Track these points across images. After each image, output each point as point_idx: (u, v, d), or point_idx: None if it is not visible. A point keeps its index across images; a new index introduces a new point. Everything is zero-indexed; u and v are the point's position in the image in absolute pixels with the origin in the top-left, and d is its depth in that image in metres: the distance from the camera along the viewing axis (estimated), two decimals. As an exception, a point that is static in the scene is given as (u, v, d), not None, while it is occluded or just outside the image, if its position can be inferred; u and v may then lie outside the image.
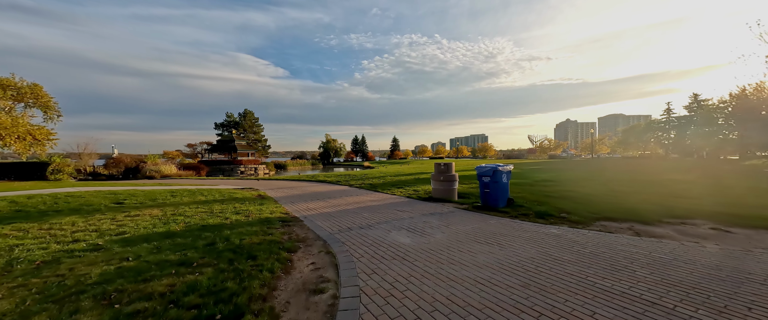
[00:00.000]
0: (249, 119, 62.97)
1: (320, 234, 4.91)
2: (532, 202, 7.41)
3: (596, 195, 8.32)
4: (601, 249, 3.85)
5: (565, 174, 15.90)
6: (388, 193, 9.88)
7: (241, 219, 5.90)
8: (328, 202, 8.31)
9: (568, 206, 6.83)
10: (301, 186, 13.39)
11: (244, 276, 3.05)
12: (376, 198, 8.95)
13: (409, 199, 8.53)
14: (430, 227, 5.21)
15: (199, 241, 4.32)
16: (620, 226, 5.07)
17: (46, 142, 17.19)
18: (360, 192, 10.56)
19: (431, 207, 7.19)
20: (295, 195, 10.00)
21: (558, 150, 70.25)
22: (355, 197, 9.20)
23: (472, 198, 8.51)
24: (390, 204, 7.66)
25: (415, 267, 3.37)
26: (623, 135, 56.95)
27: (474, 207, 7.08)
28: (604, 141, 66.73)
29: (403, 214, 6.40)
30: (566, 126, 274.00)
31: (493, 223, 5.42)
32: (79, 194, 9.24)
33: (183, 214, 6.41)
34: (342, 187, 12.27)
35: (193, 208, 7.22)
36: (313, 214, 6.62)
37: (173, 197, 9.19)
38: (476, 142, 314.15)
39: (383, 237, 4.65)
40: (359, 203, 8.03)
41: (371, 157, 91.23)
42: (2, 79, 15.20)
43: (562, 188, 10.06)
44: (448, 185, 8.35)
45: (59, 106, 17.53)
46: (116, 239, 4.51)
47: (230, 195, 9.69)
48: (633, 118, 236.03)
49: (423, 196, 8.85)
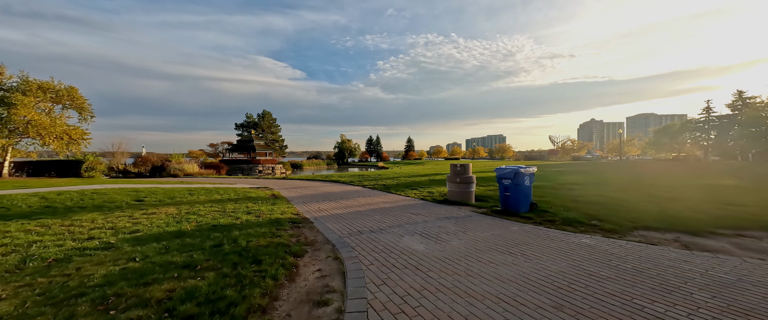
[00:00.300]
0: (267, 120, 64.67)
1: (329, 237, 4.70)
2: (557, 207, 6.86)
3: (630, 201, 7.60)
4: (646, 265, 3.36)
5: (592, 177, 14.89)
6: (402, 195, 9.58)
7: (251, 220, 5.82)
8: (339, 203, 8.14)
9: (599, 212, 6.23)
10: (315, 186, 13.37)
11: (246, 282, 2.87)
12: (389, 199, 8.67)
13: (424, 202, 8.19)
14: (446, 233, 4.87)
15: (207, 242, 4.23)
16: (664, 237, 4.49)
17: (81, 141, 18.33)
18: (373, 193, 10.33)
19: (447, 210, 6.82)
20: (308, 196, 9.92)
21: (582, 151, 66.89)
22: (367, 198, 8.97)
23: (490, 201, 8.03)
24: (403, 207, 7.36)
25: (429, 279, 3.06)
26: (655, 135, 53.28)
27: (493, 211, 6.64)
28: (633, 142, 62.75)
29: (417, 218, 6.08)
30: (590, 126, 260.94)
31: (515, 230, 4.99)
32: (104, 191, 9.64)
33: (196, 213, 6.44)
34: (355, 188, 12.10)
35: (207, 207, 7.26)
36: (324, 216, 6.45)
37: (191, 195, 9.37)
38: (493, 142, 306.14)
39: (395, 242, 4.37)
40: (371, 205, 7.79)
41: (386, 158, 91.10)
42: (43, 83, 16.34)
43: (590, 192, 9.33)
44: (464, 187, 7.94)
45: (93, 108, 18.66)
46: (128, 237, 4.52)
47: (245, 195, 9.76)
48: (665, 117, 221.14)
49: (438, 199, 8.47)
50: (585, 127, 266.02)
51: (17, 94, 14.88)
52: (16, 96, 14.67)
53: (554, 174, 17.52)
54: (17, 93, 14.94)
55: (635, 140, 63.31)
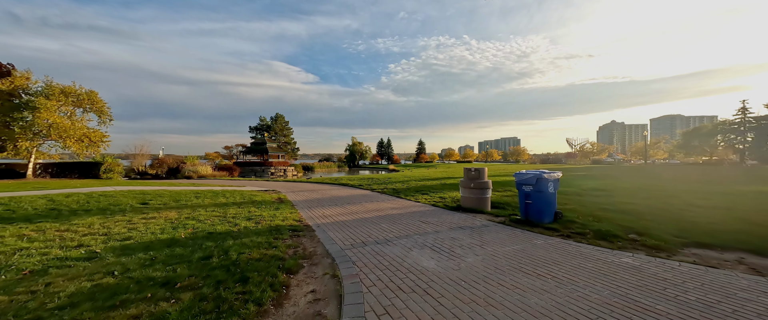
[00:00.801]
0: (280, 122, 65.64)
1: (330, 249, 4.26)
2: (585, 217, 6.14)
3: (668, 210, 6.75)
4: (713, 297, 2.71)
5: (619, 183, 13.81)
6: (412, 200, 9.06)
7: (250, 227, 5.47)
8: (346, 209, 7.71)
9: (636, 224, 5.49)
10: (323, 189, 13.04)
11: (224, 308, 2.46)
12: (398, 205, 8.17)
13: (435, 208, 7.64)
14: (461, 246, 4.32)
15: (196, 253, 3.88)
16: (724, 257, 3.77)
17: (100, 144, 18.90)
18: (381, 197, 9.86)
19: (460, 218, 6.25)
20: (314, 200, 9.57)
21: (603, 154, 63.87)
22: (375, 203, 8.51)
23: (508, 209, 7.39)
24: (413, 214, 6.84)
25: (441, 308, 2.55)
26: (684, 138, 50.17)
27: (512, 220, 6.01)
28: (659, 144, 59.32)
29: (428, 227, 5.55)
30: (611, 128, 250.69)
31: (540, 244, 4.38)
32: (113, 193, 9.65)
33: (196, 218, 6.17)
34: (363, 192, 11.67)
35: (209, 211, 7.01)
36: (328, 223, 6.03)
37: (196, 198, 9.22)
38: (507, 145, 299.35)
39: (402, 257, 3.87)
40: (379, 211, 7.32)
41: (396, 160, 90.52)
42: (65, 87, 16.96)
43: (619, 200, 8.48)
44: (479, 193, 7.33)
45: (113, 111, 19.23)
46: (117, 246, 4.24)
47: (250, 198, 9.52)
48: (693, 119, 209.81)
49: (450, 205, 7.90)
50: (605, 129, 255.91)
51: (40, 98, 15.47)
52: (40, 100, 15.25)
53: (576, 178, 16.46)
54: (41, 97, 15.54)
55: (661, 143, 59.77)
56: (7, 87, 15.62)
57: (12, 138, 14.77)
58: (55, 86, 16.44)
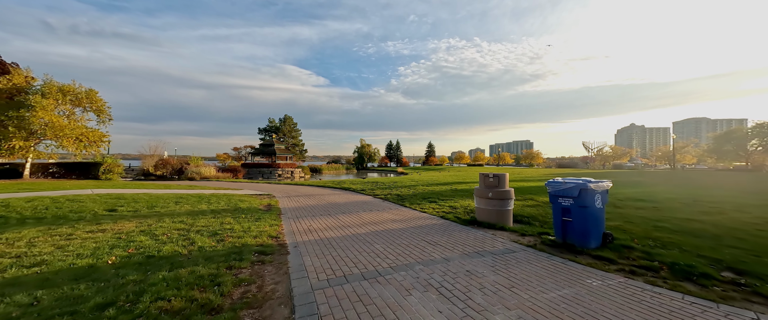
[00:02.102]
0: (288, 124, 65.48)
1: (295, 289, 3.03)
2: (642, 239, 4.71)
3: (747, 231, 5.18)
4: None
5: (657, 191, 12.04)
6: (417, 210, 7.76)
7: (208, 247, 4.32)
8: (338, 220, 6.50)
9: (718, 252, 4.01)
10: (322, 194, 11.92)
11: None
12: (400, 216, 6.90)
13: (444, 221, 6.32)
14: (480, 287, 3.02)
15: (99, 296, 2.74)
16: None
17: (100, 144, 18.48)
18: (383, 205, 8.61)
19: (477, 238, 4.92)
20: (307, 207, 8.42)
21: (624, 158, 60.46)
22: (375, 213, 7.27)
23: (534, 225, 6.00)
24: (418, 229, 5.56)
25: None
26: (715, 142, 46.64)
27: (546, 243, 4.63)
28: (687, 149, 55.48)
29: (435, 251, 4.26)
30: (630, 131, 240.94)
31: (598, 288, 3.02)
32: (83, 198, 8.74)
33: (151, 233, 5.08)
34: (364, 198, 10.45)
35: (175, 222, 5.94)
36: (311, 240, 4.83)
37: (175, 205, 8.23)
38: (520, 148, 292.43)
39: (395, 307, 2.61)
40: (377, 224, 6.06)
41: (405, 163, 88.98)
42: (63, 86, 16.59)
43: (672, 214, 6.90)
44: (499, 205, 5.97)
45: (115, 111, 18.84)
46: (16, 275, 3.17)
47: (235, 205, 8.46)
48: (721, 122, 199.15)
49: (463, 217, 6.56)
50: (624, 133, 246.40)
51: (37, 96, 15.09)
52: (36, 98, 14.85)
53: (603, 185, 14.68)
54: (37, 95, 15.16)
55: (689, 147, 55.87)
56: (5, 85, 15.35)
57: (6, 137, 14.39)
58: (52, 84, 16.08)
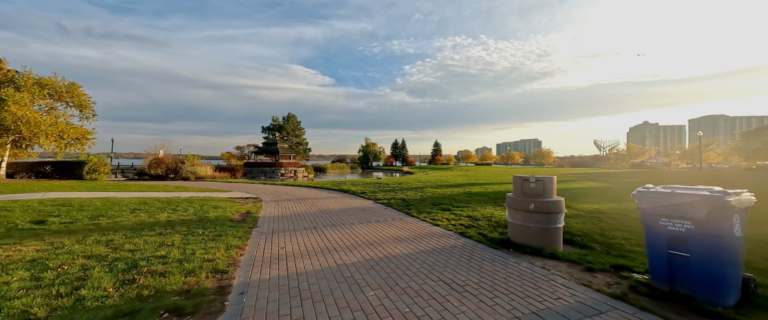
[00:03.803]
0: (292, 123, 64.30)
1: None
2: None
3: None
4: None
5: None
6: (428, 221, 6.07)
7: (89, 301, 2.73)
8: (324, 237, 4.86)
9: None
10: (316, 197, 10.34)
11: None
12: (406, 231, 5.22)
13: (466, 241, 4.61)
14: None
15: None
16: None
17: (84, 141, 17.28)
18: (385, 214, 6.95)
19: (522, 275, 3.21)
20: (293, 216, 6.84)
21: (642, 157, 57.40)
22: (373, 226, 5.60)
23: (595, 248, 4.26)
24: (431, 255, 3.88)
25: None
26: (743, 139, 43.54)
27: (641, 292, 2.88)
28: (712, 147, 52.15)
29: (463, 308, 2.58)
30: (643, 130, 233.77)
31: None
32: (19, 205, 7.18)
33: (41, 264, 3.50)
34: (364, 203, 8.83)
35: (99, 244, 4.38)
36: (272, 279, 3.20)
37: (130, 213, 6.72)
38: (528, 147, 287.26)
39: None
40: (375, 244, 4.40)
41: (411, 162, 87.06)
42: (41, 78, 15.39)
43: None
44: (545, 221, 4.23)
45: (96, 106, 17.62)
46: None
47: (204, 213, 6.90)
48: (741, 119, 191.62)
49: (489, 234, 4.85)
50: (636, 131, 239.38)
51: (9, 89, 13.89)
52: (8, 91, 13.64)
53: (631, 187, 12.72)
54: (9, 88, 13.96)
55: (714, 144, 52.50)
56: (-25, 77, 14.23)
57: (-27, 134, 13.21)
58: (28, 77, 14.87)
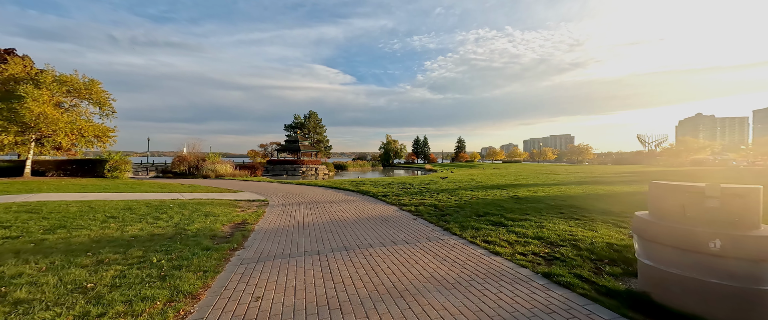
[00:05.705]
0: (313, 120, 64.16)
1: None
2: None
3: None
4: None
5: None
6: (479, 245, 4.10)
7: None
8: (326, 273, 3.08)
9: None
10: (331, 201, 8.73)
11: None
12: (450, 266, 3.28)
13: (561, 294, 2.57)
14: None
15: None
16: None
17: (105, 139, 17.18)
18: (415, 229, 5.07)
19: None
20: (295, 229, 5.19)
21: (703, 152, 50.16)
22: (399, 253, 3.74)
23: None
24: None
25: None
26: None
27: None
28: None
29: None
30: (696, 122, 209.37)
31: None
32: (19, 206, 6.26)
33: None
34: (385, 210, 7.03)
35: (42, 266, 2.98)
36: None
37: (101, 222, 5.47)
38: (559, 143, 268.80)
39: None
40: (404, 296, 2.54)
41: (433, 159, 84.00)
42: (61, 75, 15.29)
43: None
44: (746, 277, 2.13)
45: (115, 103, 17.46)
46: None
47: (184, 226, 5.48)
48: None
49: (593, 278, 2.77)
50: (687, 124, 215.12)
51: (28, 85, 13.79)
52: (27, 88, 13.52)
53: None
54: (28, 85, 13.85)
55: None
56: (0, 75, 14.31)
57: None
58: (47, 74, 14.76)
